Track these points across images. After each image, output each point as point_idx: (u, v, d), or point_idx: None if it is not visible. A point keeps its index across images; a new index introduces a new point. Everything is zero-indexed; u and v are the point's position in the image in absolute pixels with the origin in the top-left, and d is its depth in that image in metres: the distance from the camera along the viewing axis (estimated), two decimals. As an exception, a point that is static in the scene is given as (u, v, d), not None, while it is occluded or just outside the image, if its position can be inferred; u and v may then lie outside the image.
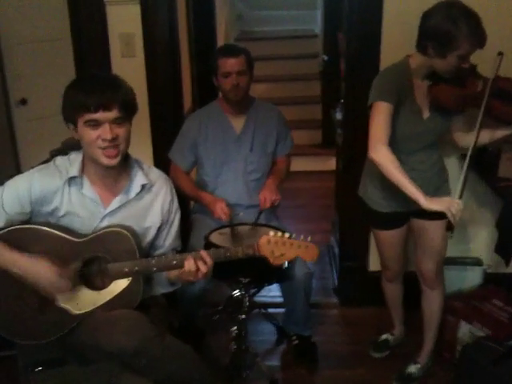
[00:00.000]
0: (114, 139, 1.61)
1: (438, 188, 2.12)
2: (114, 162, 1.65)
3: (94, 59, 2.53)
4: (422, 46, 1.91)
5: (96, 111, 1.58)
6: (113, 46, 2.55)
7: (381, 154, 1.87)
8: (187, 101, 3.24)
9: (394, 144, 2.01)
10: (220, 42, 4.63)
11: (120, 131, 1.63)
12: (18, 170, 2.96)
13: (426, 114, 2.03)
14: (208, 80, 4.03)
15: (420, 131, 2.02)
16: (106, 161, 1.64)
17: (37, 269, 1.61)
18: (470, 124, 2.10)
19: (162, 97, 2.64)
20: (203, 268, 1.65)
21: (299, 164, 2.66)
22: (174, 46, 2.62)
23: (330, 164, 4.83)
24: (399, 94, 1.93)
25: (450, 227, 1.84)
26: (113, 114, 1.60)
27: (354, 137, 2.64)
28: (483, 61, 1.93)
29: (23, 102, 3.09)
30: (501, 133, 2.01)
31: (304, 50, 5.81)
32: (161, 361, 1.58)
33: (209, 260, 1.66)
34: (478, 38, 1.80)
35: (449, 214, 1.81)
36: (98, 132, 1.61)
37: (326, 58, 5.12)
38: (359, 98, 2.56)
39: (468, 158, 1.90)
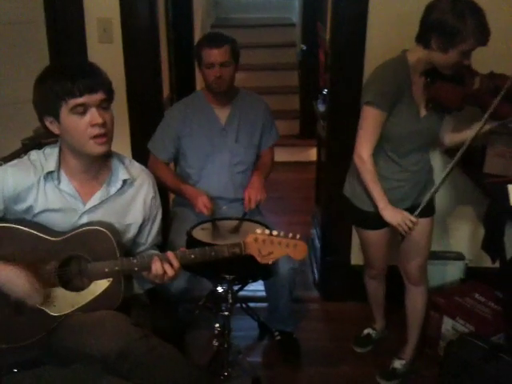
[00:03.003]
0: (104, 124, 1.53)
1: (425, 185, 2.11)
2: (106, 148, 1.57)
3: (70, 44, 2.41)
4: (424, 39, 1.85)
5: (82, 95, 1.49)
6: (89, 31, 2.44)
7: (363, 164, 1.96)
8: (165, 89, 3.14)
9: (390, 145, 2.00)
10: (197, 28, 4.52)
11: (107, 116, 1.55)
12: (-14, 160, 2.81)
13: (423, 113, 1.99)
14: (185, 67, 4.00)
15: (417, 130, 1.98)
16: (97, 149, 1.55)
17: (8, 277, 1.51)
18: (456, 122, 2.09)
19: (140, 85, 2.55)
20: (169, 271, 1.59)
21: (277, 155, 2.67)
22: (153, 33, 2.53)
23: (308, 155, 4.84)
24: (397, 96, 1.90)
25: (401, 234, 1.98)
26: (99, 96, 1.52)
27: (339, 130, 2.60)
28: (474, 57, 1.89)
29: (-10, 88, 2.93)
30: (486, 126, 1.97)
31: (281, 39, 5.73)
32: (145, 364, 1.51)
33: (175, 263, 1.60)
34: (484, 34, 1.77)
35: (399, 229, 1.95)
36: (86, 119, 1.52)
37: (304, 47, 5.06)
38: (344, 90, 2.54)
39: (442, 178, 1.96)
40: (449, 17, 1.75)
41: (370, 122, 1.92)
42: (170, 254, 1.60)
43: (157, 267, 1.57)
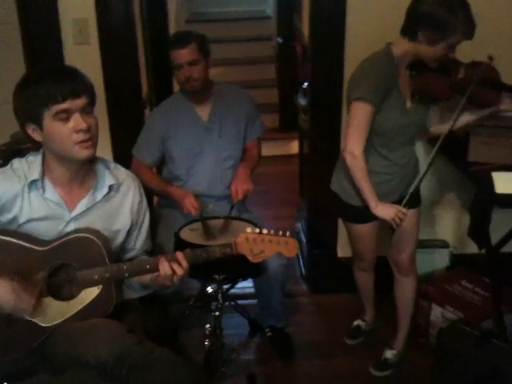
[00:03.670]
0: (88, 129, 1.50)
1: (413, 177, 2.11)
2: (91, 152, 1.54)
3: (45, 46, 2.34)
4: (410, 32, 1.84)
5: (65, 100, 1.46)
6: (65, 33, 2.37)
7: (355, 161, 1.92)
8: (144, 87, 3.09)
9: (380, 139, 1.99)
10: (172, 25, 4.46)
11: (91, 121, 1.52)
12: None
13: (409, 104, 1.99)
14: (162, 65, 3.94)
15: (405, 123, 1.98)
16: (82, 153, 1.52)
17: None
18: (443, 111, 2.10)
19: (119, 87, 2.49)
20: (179, 271, 1.56)
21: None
22: (130, 32, 2.47)
23: (290, 148, 4.85)
24: (386, 91, 1.89)
25: (391, 228, 2.01)
26: (82, 100, 1.49)
27: (321, 123, 2.60)
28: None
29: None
30: (473, 116, 2.00)
31: (257, 32, 5.70)
32: (143, 369, 1.48)
33: (185, 263, 1.57)
34: (471, 28, 1.78)
35: (393, 223, 1.96)
36: (70, 125, 1.49)
37: (280, 40, 5.04)
38: (325, 83, 2.53)
39: (426, 168, 1.96)
40: (440, 10, 1.75)
41: (362, 117, 1.90)
42: (179, 255, 1.57)
43: (165, 268, 1.54)
